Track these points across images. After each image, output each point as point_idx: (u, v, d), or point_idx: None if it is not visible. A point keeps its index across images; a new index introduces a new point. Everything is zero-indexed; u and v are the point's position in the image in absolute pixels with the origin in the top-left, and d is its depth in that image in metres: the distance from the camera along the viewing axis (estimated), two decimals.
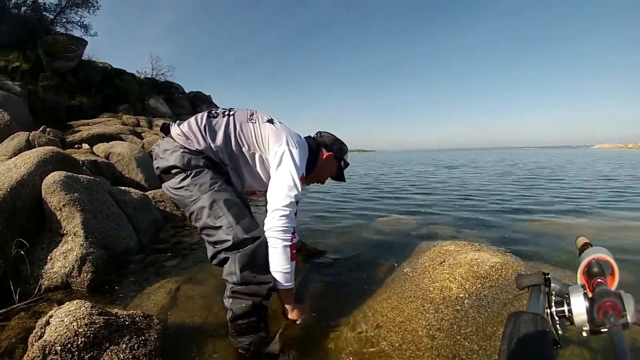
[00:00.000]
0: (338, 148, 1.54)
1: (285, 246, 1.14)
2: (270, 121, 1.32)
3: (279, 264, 1.14)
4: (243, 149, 1.29)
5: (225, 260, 1.12)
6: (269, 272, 1.13)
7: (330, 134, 1.58)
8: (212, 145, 1.25)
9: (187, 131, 1.26)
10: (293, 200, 1.17)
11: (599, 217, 3.22)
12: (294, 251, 1.17)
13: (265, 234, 1.16)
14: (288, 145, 1.24)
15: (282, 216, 1.14)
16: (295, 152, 1.24)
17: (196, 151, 1.25)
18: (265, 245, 1.13)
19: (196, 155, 1.24)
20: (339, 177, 1.62)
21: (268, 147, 1.27)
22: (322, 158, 1.50)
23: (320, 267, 1.92)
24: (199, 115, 1.32)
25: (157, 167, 1.29)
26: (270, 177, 1.27)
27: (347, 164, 1.61)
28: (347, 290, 1.62)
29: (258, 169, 1.34)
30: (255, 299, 1.10)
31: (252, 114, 1.33)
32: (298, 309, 1.25)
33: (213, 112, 1.34)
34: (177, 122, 1.34)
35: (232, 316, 1.11)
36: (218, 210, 1.14)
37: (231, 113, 1.33)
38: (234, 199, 1.19)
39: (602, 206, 3.72)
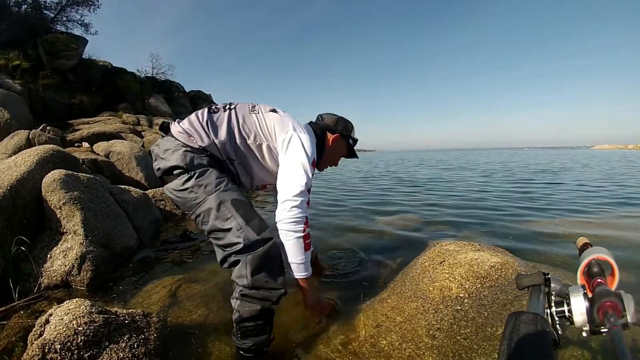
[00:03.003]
0: (342, 127, 1.48)
1: (297, 237, 1.11)
2: (274, 110, 1.30)
3: (293, 256, 1.12)
4: (248, 141, 1.24)
5: (236, 262, 1.08)
6: (282, 276, 1.10)
7: (331, 114, 1.51)
8: (216, 140, 1.20)
9: (188, 128, 1.20)
10: (303, 188, 1.13)
11: (600, 217, 3.22)
12: (308, 241, 1.14)
13: (277, 225, 1.13)
14: (296, 131, 1.21)
15: (293, 207, 1.10)
16: (304, 137, 1.20)
17: (199, 149, 1.18)
18: (277, 246, 1.10)
19: (199, 154, 1.18)
20: (351, 155, 1.58)
21: (275, 136, 1.23)
22: (329, 142, 1.46)
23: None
24: (199, 111, 1.27)
25: (158, 168, 1.21)
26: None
27: (355, 141, 1.55)
28: (347, 290, 1.62)
29: (267, 160, 1.29)
30: (265, 304, 1.07)
31: (253, 106, 1.30)
32: (320, 300, 1.25)
33: (213, 107, 1.30)
34: (177, 120, 1.28)
35: (239, 318, 1.07)
36: (226, 212, 1.09)
37: (232, 107, 1.28)
38: (242, 198, 1.15)
39: (603, 206, 3.72)
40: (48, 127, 5.39)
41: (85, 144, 5.37)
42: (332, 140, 1.45)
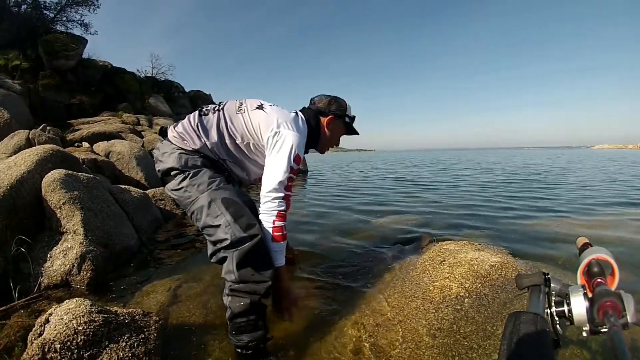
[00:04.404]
0: (336, 107, 1.46)
1: (268, 228, 1.18)
2: (260, 107, 1.31)
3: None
4: (237, 142, 1.30)
5: (224, 258, 1.12)
6: (268, 270, 1.13)
7: (323, 96, 1.49)
8: (208, 143, 1.27)
9: (181, 132, 1.28)
10: (277, 187, 1.19)
11: (599, 216, 3.21)
12: (279, 233, 1.18)
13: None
14: (279, 128, 1.23)
15: (265, 202, 1.19)
16: (287, 133, 1.23)
17: (193, 151, 1.26)
18: (263, 242, 1.14)
19: (193, 155, 1.26)
20: (350, 132, 1.57)
21: (260, 134, 1.27)
22: (324, 126, 1.45)
23: (319, 267, 1.92)
24: (191, 114, 1.34)
25: (159, 170, 1.31)
26: None
27: (352, 118, 1.53)
28: (347, 290, 1.62)
29: (257, 157, 1.34)
30: (254, 297, 1.10)
31: (240, 105, 1.33)
32: (287, 291, 1.24)
33: (204, 109, 1.35)
34: (174, 124, 1.35)
35: (231, 314, 1.11)
36: (216, 209, 1.15)
37: (220, 107, 1.33)
38: (233, 197, 1.19)
39: (601, 206, 3.72)
40: (48, 127, 5.39)
41: (85, 144, 5.37)
42: (326, 123, 1.45)
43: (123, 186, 2.63)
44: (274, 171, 1.20)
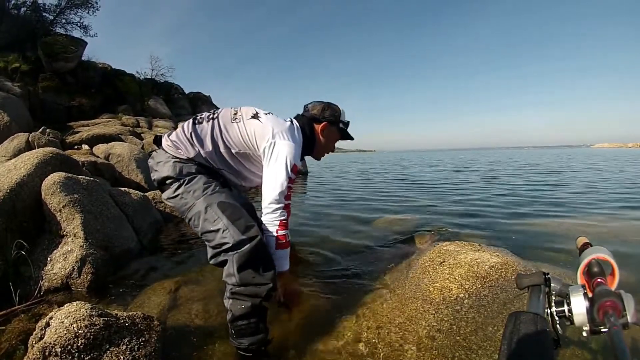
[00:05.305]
0: (330, 114, 1.45)
1: (269, 237, 1.20)
2: (255, 116, 1.31)
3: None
4: (232, 151, 1.30)
5: (224, 262, 1.13)
6: (269, 271, 1.13)
7: (317, 102, 1.48)
8: (202, 152, 1.27)
9: (175, 141, 1.28)
10: (278, 197, 1.20)
11: (599, 217, 3.21)
12: (282, 241, 1.21)
13: None
14: (274, 138, 1.24)
15: (267, 213, 1.21)
16: (283, 143, 1.23)
17: (187, 159, 1.27)
18: (263, 243, 1.14)
19: (188, 163, 1.26)
20: (345, 137, 1.56)
21: (256, 145, 1.27)
22: (319, 133, 1.45)
23: (319, 268, 1.92)
24: (186, 123, 1.34)
25: (154, 180, 1.32)
26: None
27: (347, 124, 1.52)
28: (347, 291, 1.62)
29: (253, 166, 1.35)
30: (255, 300, 1.10)
31: (235, 113, 1.33)
32: (293, 292, 1.31)
33: (198, 117, 1.35)
34: (168, 132, 1.35)
35: (232, 317, 1.11)
36: (213, 214, 1.15)
37: (215, 116, 1.33)
38: (229, 200, 1.20)
39: (602, 206, 3.72)
40: (47, 130, 5.39)
41: (85, 147, 5.37)
42: (320, 130, 1.45)
43: (123, 188, 2.63)
44: (273, 183, 1.21)
